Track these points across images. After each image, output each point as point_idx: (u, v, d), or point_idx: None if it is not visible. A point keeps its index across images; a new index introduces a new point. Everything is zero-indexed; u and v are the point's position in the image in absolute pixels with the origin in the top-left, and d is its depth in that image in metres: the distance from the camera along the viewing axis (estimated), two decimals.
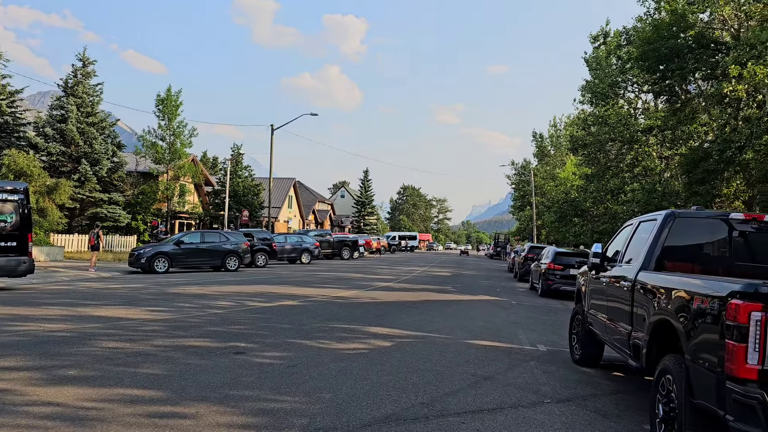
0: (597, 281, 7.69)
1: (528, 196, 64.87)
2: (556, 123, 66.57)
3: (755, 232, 6.02)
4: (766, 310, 3.66)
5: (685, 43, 22.52)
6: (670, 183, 26.89)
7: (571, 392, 6.93)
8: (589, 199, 35.36)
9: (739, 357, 3.71)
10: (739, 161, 20.69)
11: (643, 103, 35.23)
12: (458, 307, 15.28)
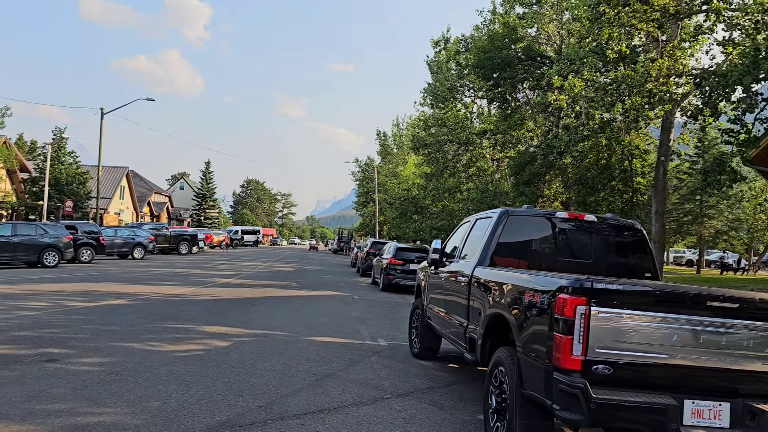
0: (436, 276, 7.90)
1: (371, 192, 66.36)
2: (399, 123, 68.79)
3: (576, 229, 6.51)
4: (589, 304, 3.90)
5: (515, 54, 24.27)
6: (501, 183, 28.89)
7: (410, 386, 7.03)
8: (428, 197, 36.93)
9: (566, 349, 3.90)
10: (559, 165, 22.74)
11: (478, 108, 37.51)
12: (301, 303, 15.07)
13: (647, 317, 3.95)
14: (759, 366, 4.06)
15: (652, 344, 3.94)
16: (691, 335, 3.99)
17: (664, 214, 19.91)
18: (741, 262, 41.82)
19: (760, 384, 4.08)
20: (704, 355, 4.00)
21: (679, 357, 3.97)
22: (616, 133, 20.63)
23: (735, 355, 4.03)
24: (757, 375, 4.07)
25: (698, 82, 14.03)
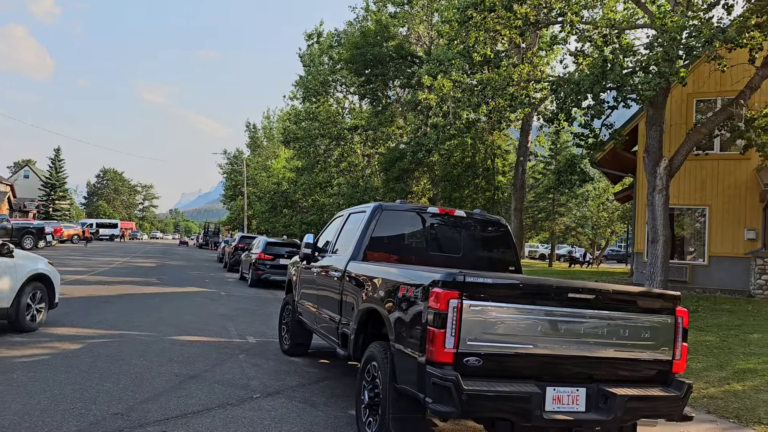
0: (308, 271, 7.76)
1: (240, 185, 64.54)
2: (270, 115, 67.47)
3: (446, 225, 6.67)
4: (461, 298, 3.96)
5: (387, 52, 24.65)
6: (371, 179, 29.26)
7: (280, 384, 6.84)
8: (299, 191, 36.54)
9: (439, 342, 3.94)
10: (427, 162, 23.43)
11: (350, 104, 37.70)
12: (162, 301, 14.24)
13: (514, 309, 4.10)
14: (611, 353, 4.36)
15: (518, 335, 4.10)
16: (553, 325, 4.20)
17: (522, 210, 21.22)
18: (586, 255, 45.74)
19: (612, 369, 4.39)
20: (564, 344, 4.23)
21: (543, 346, 4.16)
22: (481, 133, 21.61)
23: (591, 343, 4.30)
24: (610, 361, 4.37)
25: (554, 88, 15.03)
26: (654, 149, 15.25)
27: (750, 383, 7.68)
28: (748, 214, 17.02)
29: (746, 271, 16.41)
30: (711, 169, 17.51)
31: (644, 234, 16.02)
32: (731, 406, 6.75)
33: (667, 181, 15.09)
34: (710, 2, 13.41)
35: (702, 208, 17.62)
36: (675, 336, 4.51)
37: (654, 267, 15.24)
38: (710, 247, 17.40)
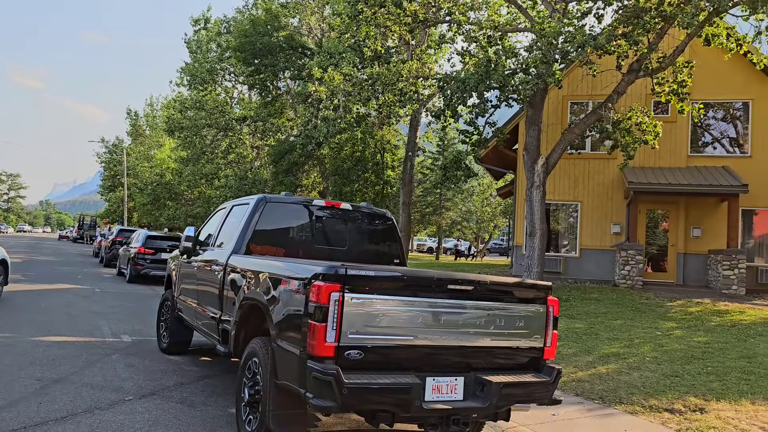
0: (188, 266, 7.42)
1: (120, 176, 60.93)
2: (153, 102, 64.19)
3: (332, 217, 6.62)
4: (343, 291, 3.92)
5: (277, 42, 24.17)
6: (260, 172, 28.65)
7: (156, 385, 6.49)
8: (184, 183, 35.10)
9: (320, 336, 3.88)
10: (317, 156, 23.28)
11: (239, 93, 36.65)
12: (27, 299, 13.10)
13: (396, 301, 4.12)
14: (488, 342, 4.50)
15: (399, 327, 4.12)
16: (434, 316, 4.27)
17: (410, 204, 21.65)
18: (471, 249, 47.54)
19: (489, 358, 4.53)
20: (444, 334, 4.31)
21: (423, 338, 4.22)
22: (371, 127, 21.77)
23: (469, 333, 4.41)
24: (487, 350, 4.51)
25: (441, 85, 15.43)
26: (532, 147, 16.06)
27: (613, 366, 8.29)
28: (615, 209, 18.39)
29: (612, 263, 17.74)
30: (583, 168, 18.74)
31: (523, 228, 16.87)
32: (597, 389, 7.24)
33: (544, 178, 15.96)
34: (583, 11, 14.29)
35: (575, 204, 18.82)
36: (546, 324, 4.74)
37: (531, 259, 16.09)
38: (581, 240, 18.63)
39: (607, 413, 6.52)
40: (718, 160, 17.97)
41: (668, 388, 7.20)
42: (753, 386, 7.23)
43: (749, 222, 17.87)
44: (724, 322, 11.68)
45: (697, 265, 17.76)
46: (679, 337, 10.15)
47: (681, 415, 6.31)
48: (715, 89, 18.00)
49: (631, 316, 12.19)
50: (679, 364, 8.28)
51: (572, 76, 18.37)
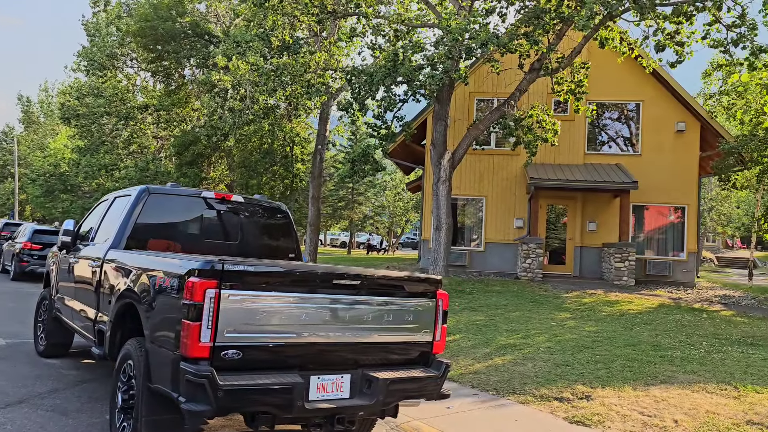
0: (67, 262, 6.88)
1: (9, 165, 56.66)
2: (48, 88, 60.12)
3: (223, 210, 6.32)
4: (220, 287, 3.70)
5: (182, 28, 23.17)
6: (165, 163, 27.43)
7: (27, 392, 5.97)
8: (81, 174, 32.97)
9: (194, 336, 3.64)
10: (223, 147, 22.55)
11: (142, 81, 34.90)
12: None
13: (277, 298, 3.93)
14: (376, 337, 4.40)
15: (281, 324, 3.95)
16: (318, 313, 4.12)
17: (319, 198, 21.40)
18: (383, 243, 47.86)
19: (377, 354, 4.44)
20: (330, 331, 4.17)
21: (308, 335, 4.06)
22: (279, 119, 21.32)
23: (357, 329, 4.30)
24: (375, 345, 4.42)
25: (349, 78, 15.29)
26: (439, 142, 16.26)
27: (509, 357, 8.47)
28: (518, 204, 18.99)
29: (515, 256, 18.30)
30: (488, 164, 19.21)
31: (431, 222, 17.05)
32: (492, 380, 7.36)
33: (450, 173, 16.20)
34: (488, 9, 14.57)
35: (480, 199, 19.27)
36: (436, 318, 4.70)
37: (437, 253, 16.31)
38: (486, 234, 19.11)
39: (500, 404, 6.63)
40: (612, 158, 18.93)
41: (559, 377, 7.42)
42: (635, 373, 7.59)
43: (640, 217, 18.97)
44: (613, 312, 12.28)
45: (593, 257, 18.65)
46: (572, 327, 10.55)
47: (569, 403, 6.51)
48: (610, 91, 18.94)
49: (530, 308, 12.58)
50: (571, 354, 8.58)
51: (478, 73, 18.75)
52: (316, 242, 21.48)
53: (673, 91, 18.48)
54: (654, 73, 18.19)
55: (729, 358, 8.49)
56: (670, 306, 13.53)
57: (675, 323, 11.23)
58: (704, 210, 41.56)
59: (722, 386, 7.02)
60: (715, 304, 14.59)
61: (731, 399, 6.57)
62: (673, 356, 8.49)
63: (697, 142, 18.59)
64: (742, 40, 13.91)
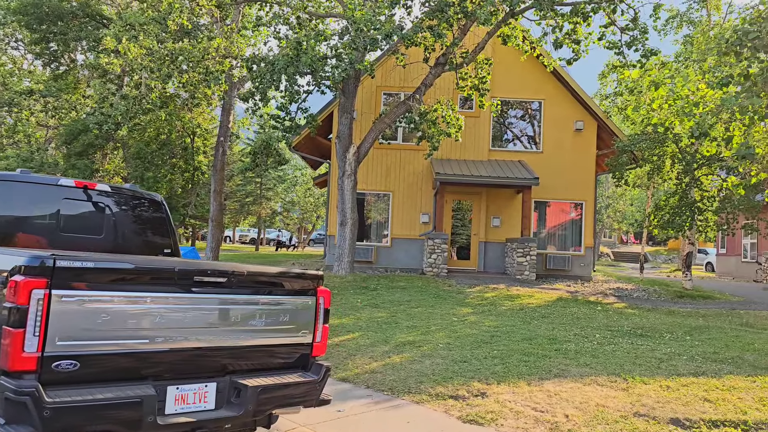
0: None
1: None
2: None
3: (86, 201, 5.63)
4: (50, 287, 3.14)
5: (70, 8, 21.51)
6: (52, 153, 25.45)
7: None
8: None
9: (16, 345, 3.07)
10: (118, 138, 21.13)
11: (29, 64, 32.30)
12: None
13: (126, 298, 3.41)
14: (247, 340, 3.97)
15: (130, 329, 3.43)
16: (177, 314, 3.63)
17: (222, 193, 20.50)
18: (292, 239, 47.01)
19: (249, 358, 4.00)
20: (192, 334, 3.70)
21: (163, 340, 3.56)
22: (179, 109, 20.22)
23: (223, 331, 3.85)
24: (246, 350, 3.98)
25: (249, 66, 14.63)
26: (345, 136, 15.90)
27: (407, 355, 8.23)
28: (424, 199, 18.96)
29: (421, 252, 18.26)
30: (395, 158, 19.05)
31: (336, 217, 16.67)
32: (388, 379, 7.07)
33: (355, 167, 15.88)
34: (392, 1, 14.35)
35: (387, 194, 19.08)
36: (316, 318, 4.32)
37: (343, 249, 15.96)
38: (393, 229, 18.96)
39: (394, 404, 6.35)
40: (515, 155, 19.29)
41: (456, 374, 7.25)
42: (531, 367, 7.55)
43: (543, 212, 19.46)
44: (514, 306, 12.39)
45: (497, 252, 18.94)
46: (473, 323, 10.50)
47: (464, 401, 6.33)
48: (514, 89, 19.28)
49: (432, 304, 12.47)
50: (469, 349, 8.46)
51: (385, 66, 18.55)
52: (218, 239, 20.57)
53: (572, 91, 19.06)
54: (555, 72, 18.68)
55: (619, 349, 8.66)
56: (567, 299, 13.87)
57: (571, 316, 11.46)
58: (602, 207, 43.71)
59: (612, 378, 7.08)
60: (609, 296, 15.13)
61: (620, 391, 6.62)
62: (568, 349, 8.56)
63: (594, 140, 19.28)
64: (634, 43, 14.46)
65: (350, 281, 15.02)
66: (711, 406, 6.10)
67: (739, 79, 7.76)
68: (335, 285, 14.52)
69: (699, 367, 7.63)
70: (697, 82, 12.81)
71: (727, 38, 7.34)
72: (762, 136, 8.33)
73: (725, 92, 7.94)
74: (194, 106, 19.32)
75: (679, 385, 6.80)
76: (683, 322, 11.21)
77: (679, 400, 6.27)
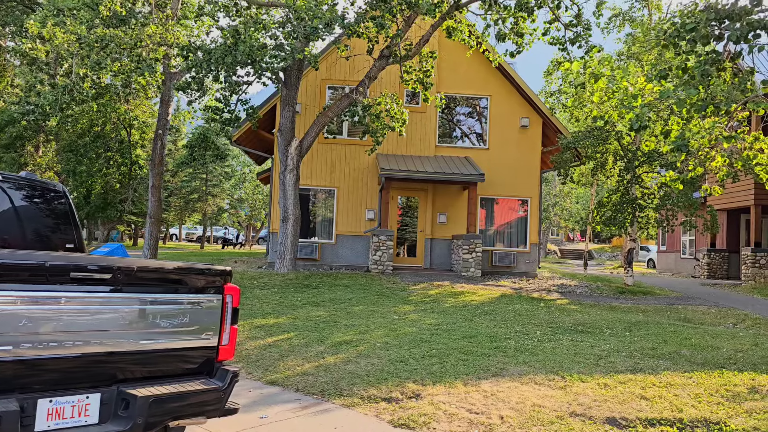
0: None
1: None
2: None
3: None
4: None
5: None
6: None
7: None
8: None
9: None
10: (49, 130, 20.03)
11: None
12: None
13: None
14: (138, 344, 3.52)
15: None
16: (50, 316, 3.15)
17: (160, 188, 19.66)
18: (239, 237, 45.98)
19: (140, 366, 3.55)
20: (69, 338, 3.22)
21: (32, 346, 3.08)
22: (114, 100, 19.28)
23: (109, 335, 3.39)
24: (137, 355, 3.53)
25: (185, 54, 13.96)
26: (287, 129, 15.41)
27: (342, 355, 7.86)
28: (370, 195, 18.62)
29: (367, 249, 17.92)
30: (340, 153, 18.64)
31: (279, 214, 16.16)
32: (320, 381, 6.69)
33: (297, 161, 15.40)
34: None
35: (332, 190, 18.65)
36: (222, 318, 3.90)
37: (285, 246, 15.48)
38: (338, 226, 18.55)
39: (323, 409, 5.97)
40: (462, 151, 19.15)
41: (391, 375, 6.92)
42: (469, 366, 7.29)
43: (490, 209, 19.38)
44: (457, 303, 12.18)
45: (443, 249, 18.76)
46: (414, 321, 10.21)
47: (397, 404, 6.00)
48: (461, 85, 19.14)
49: (375, 302, 12.14)
50: (407, 349, 8.15)
51: (330, 59, 18.11)
52: (156, 236, 19.71)
53: (518, 87, 19.04)
54: (501, 68, 18.62)
55: (559, 346, 8.51)
56: (511, 296, 13.76)
57: (514, 313, 11.31)
58: (549, 205, 44.35)
59: (550, 376, 6.88)
60: (552, 293, 15.12)
61: (558, 390, 6.42)
62: (508, 347, 8.35)
63: (540, 137, 19.33)
64: (578, 39, 14.47)
65: (292, 279, 14.55)
66: (647, 404, 5.95)
67: (677, 72, 7.69)
68: (276, 283, 14.03)
69: (637, 364, 7.53)
70: (637, 74, 12.88)
71: (665, 30, 7.24)
72: (698, 130, 8.34)
73: (663, 85, 7.89)
74: (127, 96, 18.39)
75: (616, 382, 6.65)
76: (623, 318, 11.20)
77: (616, 398, 6.10)
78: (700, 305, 14.06)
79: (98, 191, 20.90)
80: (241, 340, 8.71)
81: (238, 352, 8.08)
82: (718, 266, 23.10)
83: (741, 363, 7.69)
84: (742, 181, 18.53)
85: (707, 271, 23.00)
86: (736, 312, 12.90)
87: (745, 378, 6.89)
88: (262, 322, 10.00)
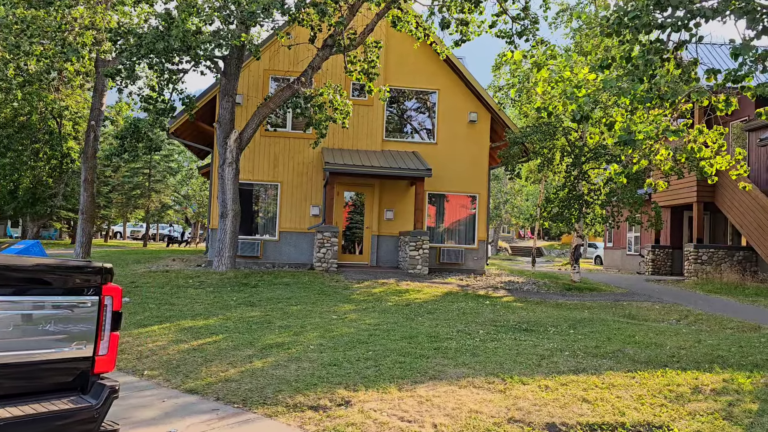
0: None
1: None
2: None
3: None
4: None
5: None
6: None
7: None
8: None
9: None
10: None
11: None
12: None
13: None
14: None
15: None
16: None
17: (94, 182, 18.61)
18: (185, 234, 44.61)
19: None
20: None
21: None
22: (43, 87, 18.12)
23: None
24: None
25: (115, 39, 13.10)
26: (226, 121, 14.73)
27: (272, 359, 7.33)
28: (315, 191, 18.03)
29: (311, 246, 17.35)
30: (283, 147, 17.98)
31: (218, 209, 15.42)
32: (243, 389, 6.15)
33: (237, 154, 14.74)
34: None
35: (275, 185, 17.98)
36: (100, 324, 3.32)
37: (223, 242, 14.81)
38: (281, 222, 17.89)
39: (241, 420, 5.43)
40: (410, 146, 18.77)
41: (321, 380, 6.43)
42: (405, 369, 6.86)
43: (438, 205, 19.04)
44: (400, 302, 11.76)
45: (390, 246, 18.35)
46: (352, 321, 9.74)
47: (324, 412, 5.52)
48: (409, 78, 18.73)
49: (314, 300, 11.62)
50: (342, 351, 7.67)
51: (273, 49, 17.44)
52: (90, 233, 18.64)
53: (466, 82, 18.77)
54: (449, 62, 18.31)
55: (502, 346, 8.17)
56: (457, 294, 13.44)
57: (458, 311, 10.97)
58: (500, 203, 44.60)
59: (490, 379, 6.51)
60: (499, 290, 14.89)
61: (497, 393, 6.04)
62: (448, 348, 7.96)
63: (488, 132, 19.11)
64: (525, 33, 14.26)
65: (230, 278, 13.88)
66: (589, 407, 5.63)
67: (620, 61, 7.44)
68: (212, 282, 13.34)
69: (580, 363, 7.24)
70: (580, 63, 12.72)
71: (608, 17, 6.97)
72: (641, 121, 8.14)
73: (606, 75, 7.65)
74: (53, 83, 17.26)
75: (558, 384, 6.33)
76: (568, 315, 11.00)
77: (557, 402, 5.76)
78: (645, 301, 14.06)
79: (26, 186, 19.61)
80: (164, 344, 8.08)
81: (158, 357, 7.45)
82: (662, 262, 23.45)
83: (684, 361, 7.51)
84: (685, 179, 18.77)
85: (652, 268, 23.32)
86: (679, 308, 12.91)
87: (689, 377, 6.67)
88: (190, 323, 9.35)
